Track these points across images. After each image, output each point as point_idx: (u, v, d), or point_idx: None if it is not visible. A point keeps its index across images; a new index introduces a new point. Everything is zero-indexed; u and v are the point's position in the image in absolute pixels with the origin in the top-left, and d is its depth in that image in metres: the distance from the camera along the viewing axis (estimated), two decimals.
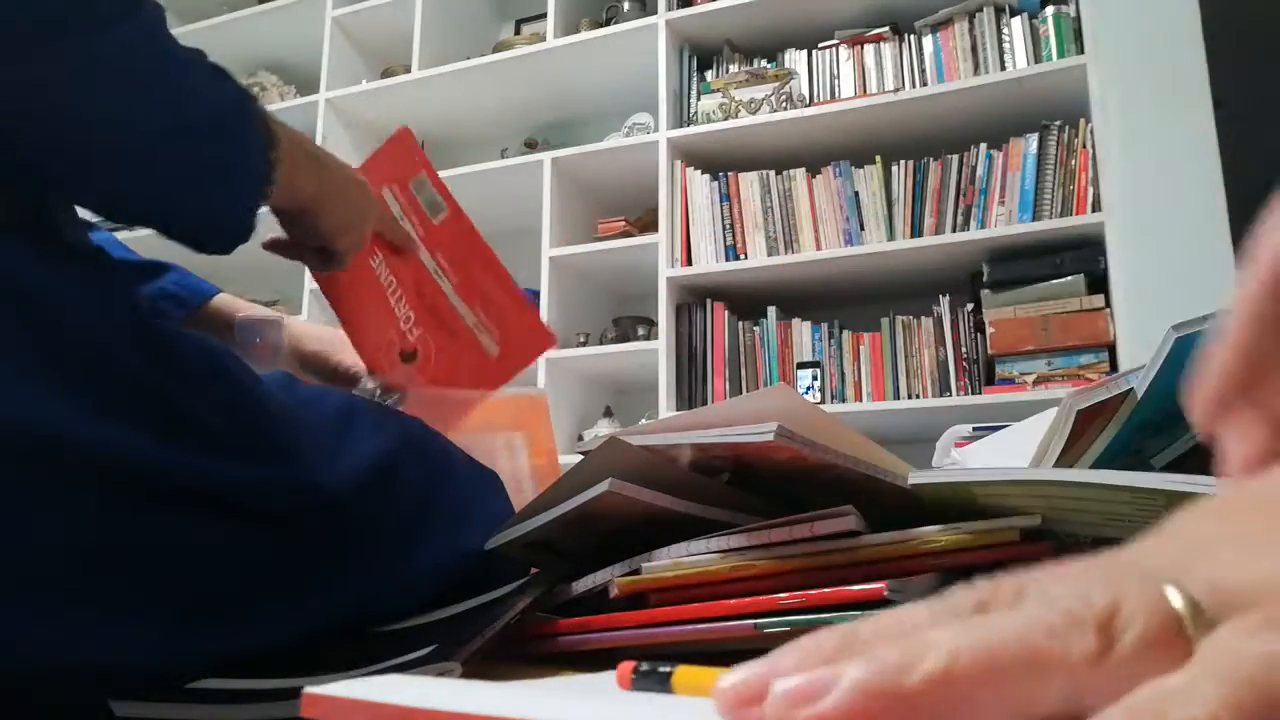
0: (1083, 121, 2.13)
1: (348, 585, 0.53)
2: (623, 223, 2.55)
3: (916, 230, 2.23)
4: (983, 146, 2.22)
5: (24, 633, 0.41)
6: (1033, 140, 2.17)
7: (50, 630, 0.41)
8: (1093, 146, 2.09)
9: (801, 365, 2.29)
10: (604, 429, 2.48)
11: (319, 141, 2.86)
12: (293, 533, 0.50)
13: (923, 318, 2.25)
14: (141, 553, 0.44)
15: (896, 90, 2.33)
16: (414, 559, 0.57)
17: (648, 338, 2.48)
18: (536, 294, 2.55)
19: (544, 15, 2.73)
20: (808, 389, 2.25)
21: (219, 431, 0.48)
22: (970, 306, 2.20)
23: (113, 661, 0.43)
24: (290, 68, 3.24)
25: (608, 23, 2.72)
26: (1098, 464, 0.46)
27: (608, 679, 0.28)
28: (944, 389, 2.18)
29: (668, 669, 0.27)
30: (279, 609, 0.49)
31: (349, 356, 0.85)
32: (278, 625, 0.49)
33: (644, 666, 0.27)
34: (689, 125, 2.51)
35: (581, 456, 0.51)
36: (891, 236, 2.26)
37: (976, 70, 2.29)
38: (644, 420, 2.33)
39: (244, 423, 0.50)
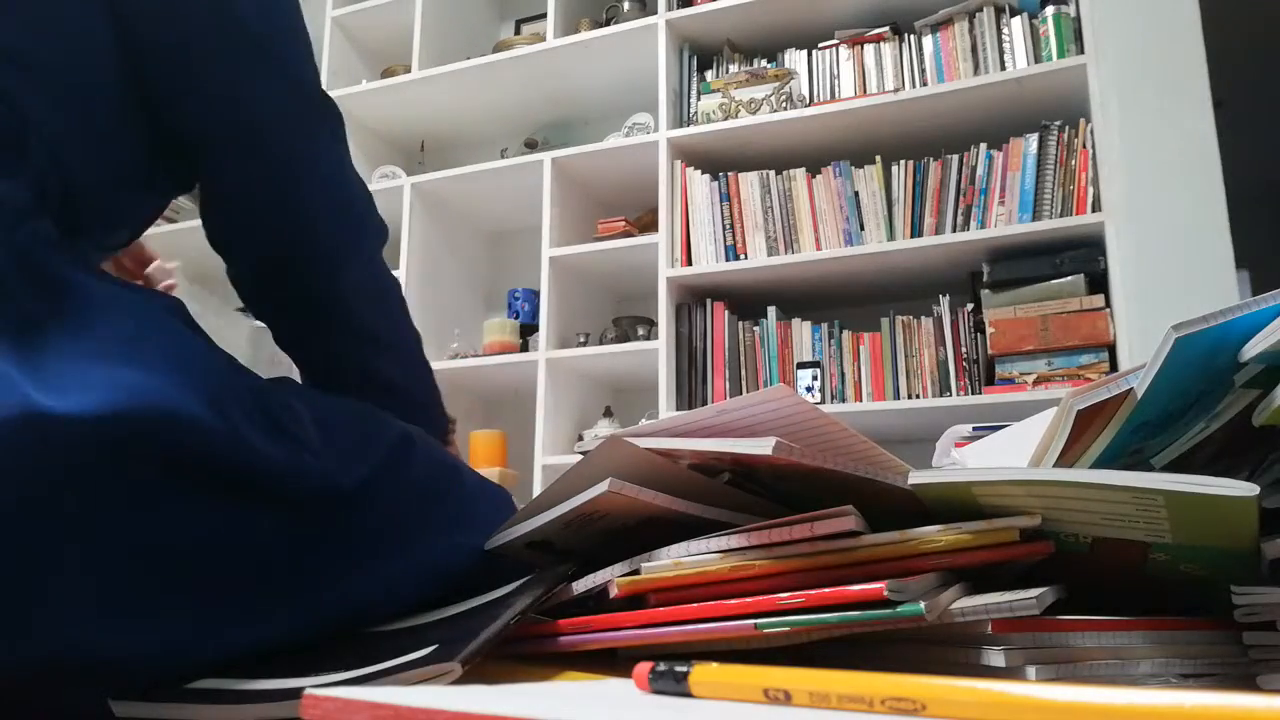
0: (1083, 121, 2.13)
1: (355, 577, 0.53)
2: (623, 223, 2.55)
3: (916, 230, 2.23)
4: (983, 146, 2.22)
5: (45, 627, 0.41)
6: (1033, 140, 2.17)
7: (72, 626, 0.42)
8: (1093, 146, 2.09)
9: (801, 365, 2.29)
10: (604, 429, 2.48)
11: None
12: (303, 521, 0.51)
13: (923, 318, 2.24)
14: (158, 542, 0.45)
15: (896, 90, 2.33)
16: (418, 553, 0.57)
17: (648, 338, 2.48)
18: (536, 294, 2.55)
19: (544, 15, 2.73)
20: (808, 389, 2.25)
21: (237, 410, 0.49)
22: (970, 306, 2.20)
23: (129, 655, 0.43)
24: None
25: (608, 23, 2.72)
26: (1098, 464, 0.46)
27: (613, 684, 0.28)
28: (944, 389, 2.17)
29: (684, 668, 0.27)
30: (289, 598, 0.50)
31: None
32: (287, 615, 0.49)
33: (661, 666, 0.27)
34: (689, 125, 2.51)
35: (581, 456, 0.51)
36: (891, 236, 2.26)
37: (976, 70, 2.29)
38: (644, 420, 2.33)
39: (261, 408, 0.51)
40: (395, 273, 2.61)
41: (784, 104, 2.40)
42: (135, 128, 0.60)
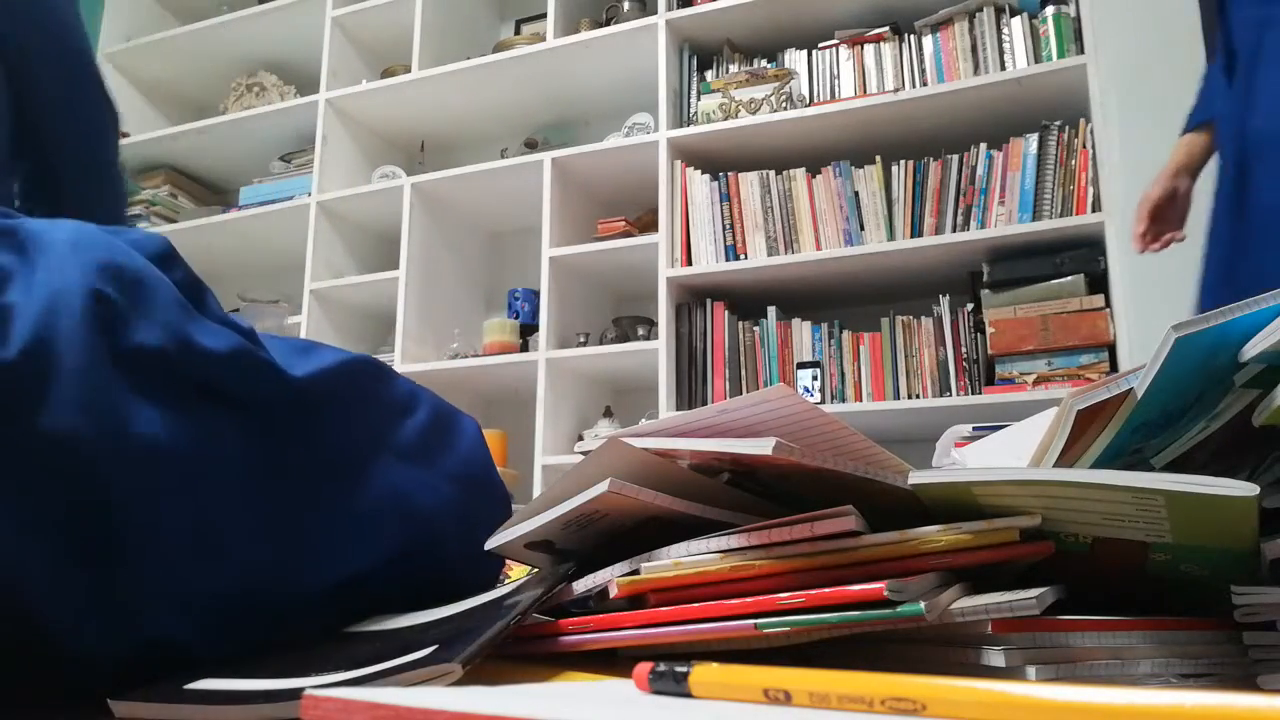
0: (1083, 121, 2.13)
1: (310, 493, 0.51)
2: (623, 223, 2.55)
3: (916, 230, 2.23)
4: (983, 146, 2.22)
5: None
6: (1033, 140, 2.17)
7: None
8: (1093, 146, 2.09)
9: (801, 365, 2.29)
10: (604, 429, 2.48)
11: (319, 142, 2.87)
12: (261, 423, 0.49)
13: (923, 318, 2.25)
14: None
15: (896, 90, 2.33)
16: (378, 477, 0.55)
17: (648, 338, 2.48)
18: (536, 294, 2.55)
19: (544, 15, 2.73)
20: (807, 389, 2.25)
21: (186, 308, 0.48)
22: (970, 306, 2.20)
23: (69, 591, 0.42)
24: (290, 68, 3.24)
25: (608, 23, 2.72)
26: (1098, 464, 0.46)
27: (613, 684, 0.28)
28: (944, 389, 2.18)
29: (684, 668, 0.27)
30: (242, 512, 0.48)
31: None
32: (244, 531, 0.48)
33: (661, 667, 0.27)
34: (689, 125, 2.51)
35: (581, 456, 0.50)
36: (891, 236, 2.26)
37: (976, 70, 2.29)
38: (644, 420, 2.33)
39: (195, 298, 0.50)
40: (395, 273, 2.64)
41: (784, 104, 2.40)
42: None
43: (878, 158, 2.31)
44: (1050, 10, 2.23)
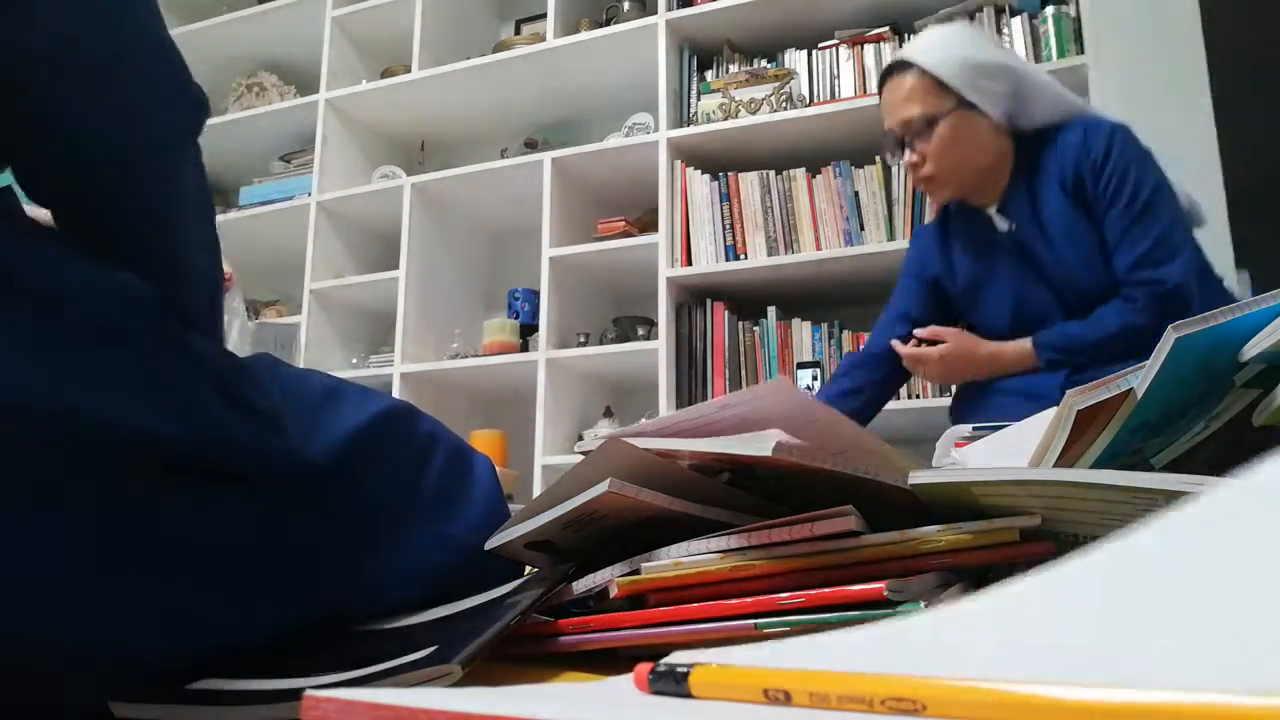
0: None
1: (332, 561, 0.52)
2: (623, 223, 2.55)
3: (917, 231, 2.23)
4: None
5: (30, 616, 0.41)
6: None
7: (52, 615, 0.42)
8: None
9: (801, 365, 2.29)
10: (604, 429, 2.48)
11: (319, 142, 2.86)
12: (275, 503, 0.50)
13: None
14: (131, 527, 0.44)
15: None
16: (398, 540, 0.56)
17: (648, 338, 2.48)
18: (536, 294, 2.55)
19: (544, 15, 2.73)
20: (807, 389, 2.25)
21: (205, 392, 0.48)
22: None
23: (114, 647, 0.43)
24: (290, 68, 3.24)
25: (608, 23, 2.72)
26: (1098, 464, 0.46)
27: (613, 684, 0.28)
28: (944, 389, 2.17)
29: (684, 669, 0.27)
30: (266, 585, 0.49)
31: None
32: (267, 603, 0.49)
33: (661, 667, 0.27)
34: (689, 125, 2.51)
35: (581, 456, 0.51)
36: (891, 236, 2.26)
37: None
38: (644, 419, 2.33)
39: (228, 386, 0.50)
40: (395, 273, 2.64)
41: (784, 104, 2.40)
42: None
43: (878, 158, 2.30)
44: (1050, 10, 2.22)
